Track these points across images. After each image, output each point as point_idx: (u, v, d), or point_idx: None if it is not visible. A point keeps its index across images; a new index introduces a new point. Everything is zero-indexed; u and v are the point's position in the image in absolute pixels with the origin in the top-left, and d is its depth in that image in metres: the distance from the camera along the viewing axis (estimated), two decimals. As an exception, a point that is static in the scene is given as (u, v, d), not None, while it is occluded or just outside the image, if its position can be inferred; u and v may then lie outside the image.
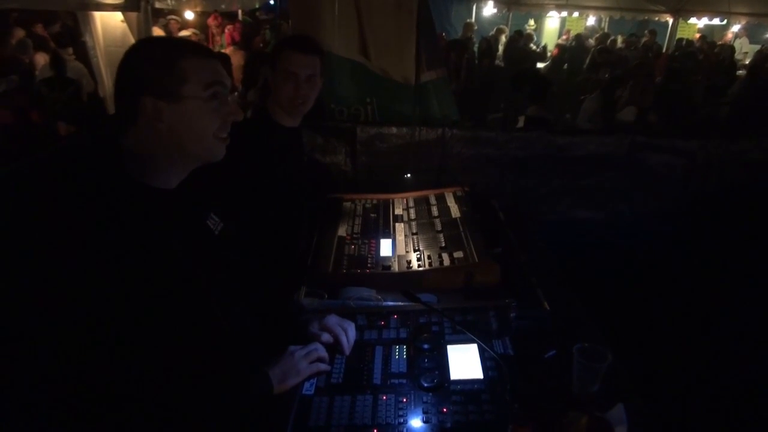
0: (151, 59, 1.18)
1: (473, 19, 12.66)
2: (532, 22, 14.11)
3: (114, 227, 1.10)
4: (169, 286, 1.16)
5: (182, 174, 1.28)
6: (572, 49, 10.73)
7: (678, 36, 11.35)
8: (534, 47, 10.85)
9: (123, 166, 1.18)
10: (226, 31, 8.84)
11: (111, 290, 1.06)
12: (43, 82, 5.17)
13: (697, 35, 12.21)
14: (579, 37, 11.48)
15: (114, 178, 1.17)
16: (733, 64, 8.53)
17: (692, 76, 7.40)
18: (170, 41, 1.26)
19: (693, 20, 11.97)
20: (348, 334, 1.55)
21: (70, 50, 6.12)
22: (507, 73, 8.15)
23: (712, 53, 10.10)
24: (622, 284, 2.66)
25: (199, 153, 1.25)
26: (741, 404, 2.23)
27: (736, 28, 11.93)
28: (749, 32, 12.17)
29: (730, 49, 10.21)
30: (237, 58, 6.33)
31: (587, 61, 8.86)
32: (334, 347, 1.53)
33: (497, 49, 9.79)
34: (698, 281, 2.76)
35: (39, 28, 7.41)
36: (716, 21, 11.91)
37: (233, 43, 8.37)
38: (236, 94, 4.86)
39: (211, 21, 9.09)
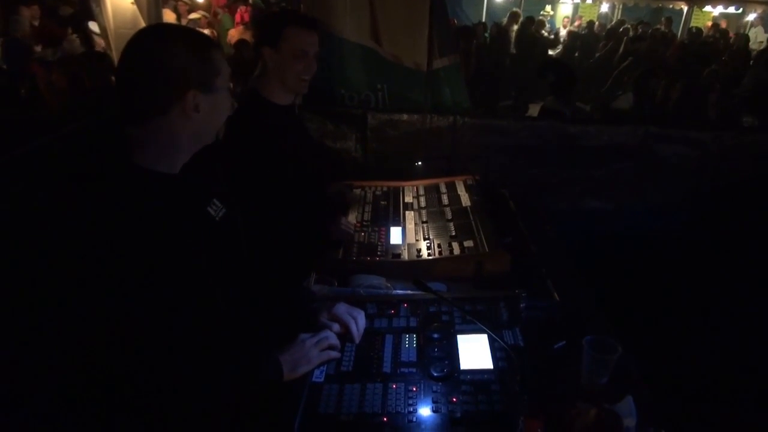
0: (191, 52, 1.18)
1: (485, 6, 12.53)
2: (549, 8, 13.93)
3: (120, 211, 1.11)
4: (168, 271, 1.17)
5: (186, 158, 1.29)
6: (584, 37, 10.59)
7: (692, 24, 11.16)
8: (546, 33, 10.72)
9: (129, 151, 1.20)
10: (238, 11, 8.78)
11: (111, 274, 1.07)
12: (82, 55, 5.36)
13: (709, 23, 12.00)
14: (591, 24, 11.33)
15: (119, 163, 1.18)
16: (748, 54, 8.39)
17: (705, 66, 7.28)
18: (195, 32, 1.28)
19: (708, 8, 11.78)
20: (358, 322, 1.55)
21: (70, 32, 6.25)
22: (518, 60, 8.07)
23: (725, 41, 9.93)
24: (632, 275, 2.65)
25: (207, 139, 1.31)
26: (752, 398, 2.22)
27: (752, 16, 11.72)
28: (765, 21, 11.96)
29: (745, 38, 10.04)
30: (246, 38, 6.36)
31: (620, 50, 8.64)
32: (344, 335, 1.53)
33: (509, 36, 9.66)
34: (710, 274, 2.75)
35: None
36: (731, 9, 11.71)
37: (242, 23, 8.32)
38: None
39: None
